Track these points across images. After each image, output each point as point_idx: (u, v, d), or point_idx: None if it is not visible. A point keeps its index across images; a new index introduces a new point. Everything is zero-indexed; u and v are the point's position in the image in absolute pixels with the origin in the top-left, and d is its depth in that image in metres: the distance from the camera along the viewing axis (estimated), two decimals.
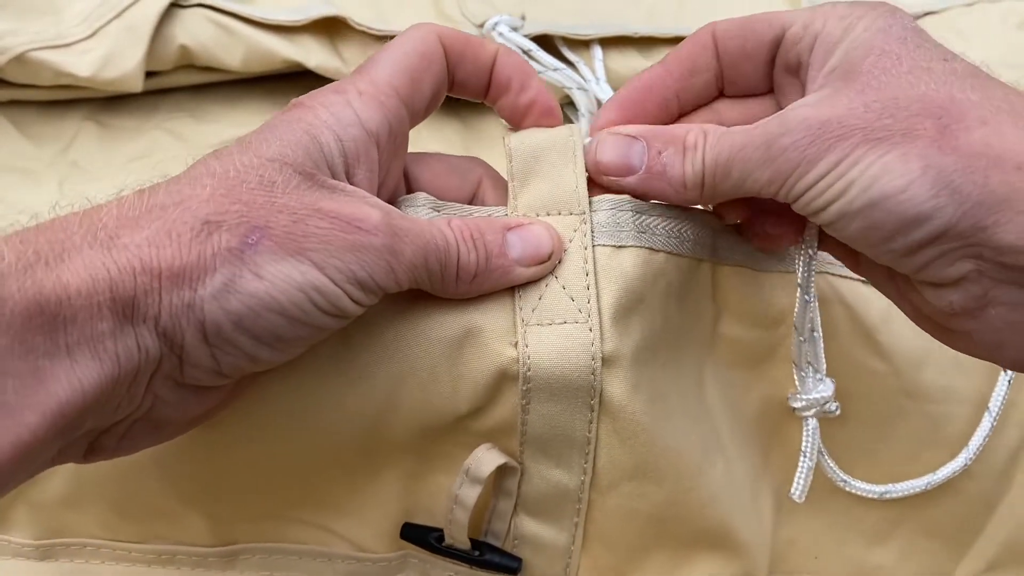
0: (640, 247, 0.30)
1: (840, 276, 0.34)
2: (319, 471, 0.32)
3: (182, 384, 0.25)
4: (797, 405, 0.32)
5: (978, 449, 0.34)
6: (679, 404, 0.32)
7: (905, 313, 0.30)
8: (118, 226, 0.23)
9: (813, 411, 0.32)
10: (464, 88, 0.32)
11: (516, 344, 0.29)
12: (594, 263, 0.30)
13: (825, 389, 0.31)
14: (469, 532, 0.32)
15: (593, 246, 0.30)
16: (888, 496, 0.34)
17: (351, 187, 0.27)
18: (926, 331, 0.29)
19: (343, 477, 0.33)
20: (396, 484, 0.33)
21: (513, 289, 0.30)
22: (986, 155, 0.24)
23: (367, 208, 0.26)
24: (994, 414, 0.34)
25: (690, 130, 0.29)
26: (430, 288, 0.28)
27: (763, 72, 0.31)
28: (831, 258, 0.34)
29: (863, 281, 0.34)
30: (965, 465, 0.34)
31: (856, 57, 0.27)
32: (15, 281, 0.21)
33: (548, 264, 0.30)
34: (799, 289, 0.31)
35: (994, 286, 0.26)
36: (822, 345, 0.31)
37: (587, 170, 0.31)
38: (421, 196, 0.30)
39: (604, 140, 0.30)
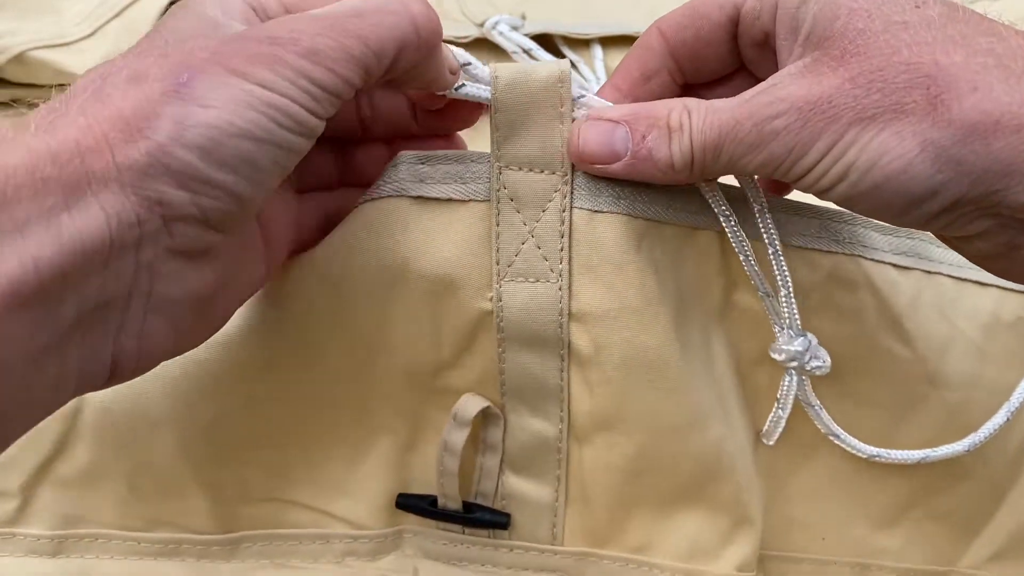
0: (617, 213, 0.30)
1: (871, 260, 0.33)
2: (316, 435, 0.34)
3: (174, 251, 0.24)
4: (777, 357, 0.32)
5: (988, 436, 0.34)
6: (668, 366, 0.32)
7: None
8: (50, 118, 0.22)
9: (794, 364, 0.31)
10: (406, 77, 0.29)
11: (491, 298, 0.31)
12: (570, 225, 0.30)
13: (801, 344, 0.31)
14: (460, 495, 0.34)
15: (572, 207, 0.30)
16: (878, 459, 0.34)
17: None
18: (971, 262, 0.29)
19: (339, 445, 0.34)
20: (388, 458, 0.35)
21: (491, 243, 0.31)
22: (983, 123, 0.24)
23: (275, 24, 0.25)
24: (1013, 406, 0.34)
25: (672, 109, 0.28)
26: (404, 69, 0.27)
27: (727, 52, 0.30)
28: (864, 239, 0.34)
29: (893, 265, 0.34)
30: (968, 449, 0.34)
31: (825, 20, 0.26)
32: None
33: None
34: (740, 254, 0.31)
35: (1018, 234, 0.25)
36: (793, 301, 0.31)
37: (571, 157, 0.30)
38: (405, 154, 0.31)
39: (586, 128, 0.29)
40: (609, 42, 0.52)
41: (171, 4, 0.49)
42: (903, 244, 0.34)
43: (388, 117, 0.33)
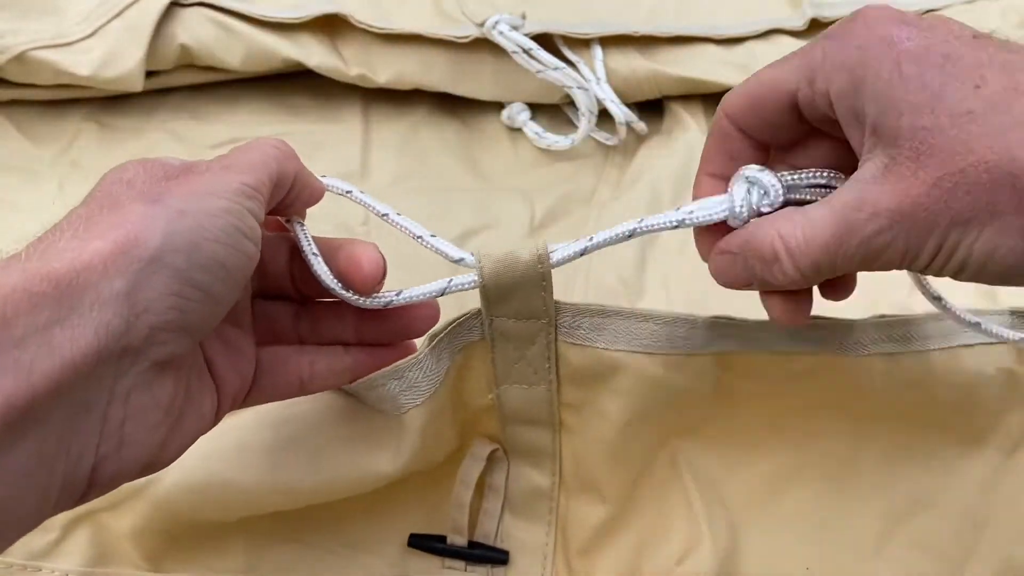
0: (591, 346, 0.35)
1: (853, 356, 0.36)
2: (342, 500, 0.37)
3: (151, 359, 0.25)
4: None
5: None
6: (635, 447, 0.37)
7: None
8: (41, 248, 0.24)
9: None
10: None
11: (491, 398, 0.36)
12: (556, 350, 0.35)
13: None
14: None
15: (556, 340, 0.35)
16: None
17: None
18: None
19: (361, 503, 0.37)
20: (402, 509, 0.38)
21: (489, 366, 0.35)
22: None
23: (192, 165, 0.28)
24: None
25: (767, 238, 0.29)
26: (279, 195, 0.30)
27: (796, 123, 0.30)
28: (845, 336, 0.36)
29: (881, 354, 0.36)
30: None
31: (889, 117, 0.26)
32: None
33: None
34: None
35: None
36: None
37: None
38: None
39: (715, 263, 0.31)
40: (609, 42, 0.52)
41: (171, 4, 0.49)
42: (895, 332, 0.36)
43: (327, 328, 0.33)
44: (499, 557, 0.38)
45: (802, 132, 0.31)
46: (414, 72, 0.51)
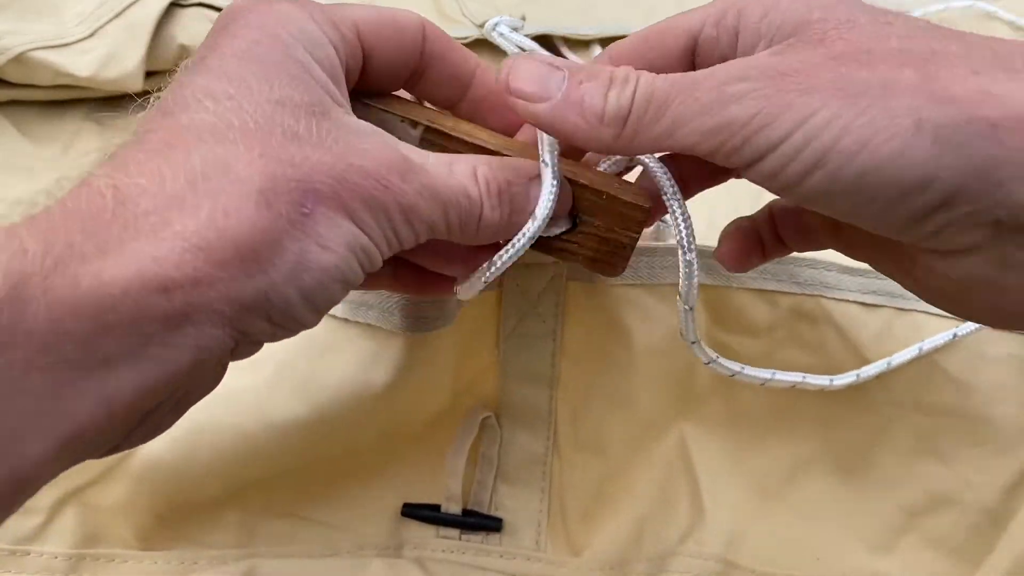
0: (600, 283, 0.36)
1: (833, 299, 0.36)
2: (339, 462, 0.38)
3: (224, 364, 0.23)
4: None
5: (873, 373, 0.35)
6: (637, 399, 0.38)
7: (908, 288, 0.26)
8: (166, 207, 0.20)
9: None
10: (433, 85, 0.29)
11: (497, 354, 0.38)
12: (565, 294, 0.37)
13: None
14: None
15: (566, 281, 0.37)
16: (772, 383, 0.34)
17: (366, 124, 0.25)
18: (938, 306, 0.26)
19: (357, 469, 0.38)
20: (397, 476, 0.39)
21: (497, 318, 0.37)
22: (987, 104, 0.20)
23: (390, 156, 0.24)
24: (923, 349, 0.36)
25: (622, 68, 0.25)
26: (447, 237, 0.26)
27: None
28: (826, 280, 0.36)
29: (858, 303, 0.36)
30: (879, 372, 0.36)
31: (798, 14, 0.23)
32: (41, 280, 0.18)
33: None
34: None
35: (1016, 250, 0.22)
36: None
37: (497, 90, 0.27)
38: None
39: (520, 62, 0.26)
40: (609, 43, 0.51)
41: (171, 5, 0.49)
42: (872, 284, 0.36)
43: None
44: (493, 524, 0.39)
45: None
46: None
